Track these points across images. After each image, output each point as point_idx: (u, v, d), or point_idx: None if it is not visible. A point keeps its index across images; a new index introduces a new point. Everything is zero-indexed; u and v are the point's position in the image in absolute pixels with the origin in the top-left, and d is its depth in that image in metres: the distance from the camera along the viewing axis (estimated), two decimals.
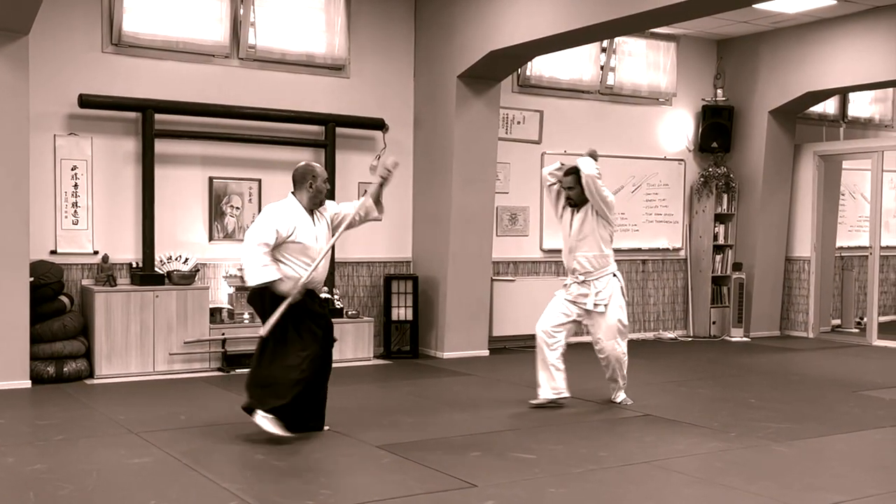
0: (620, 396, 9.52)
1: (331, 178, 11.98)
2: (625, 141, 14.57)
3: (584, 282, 9.25)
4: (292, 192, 7.93)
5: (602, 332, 9.27)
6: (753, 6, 11.82)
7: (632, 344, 13.97)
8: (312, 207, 7.90)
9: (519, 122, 13.53)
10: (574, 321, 9.35)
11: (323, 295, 8.70)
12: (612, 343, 9.28)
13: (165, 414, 8.74)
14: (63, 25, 10.91)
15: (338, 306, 11.86)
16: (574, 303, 9.29)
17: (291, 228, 7.70)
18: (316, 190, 7.88)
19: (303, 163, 8.13)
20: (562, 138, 13.90)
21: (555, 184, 9.42)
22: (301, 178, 7.90)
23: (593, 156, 9.14)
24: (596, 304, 9.21)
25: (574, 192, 9.25)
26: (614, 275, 9.33)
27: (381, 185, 8.19)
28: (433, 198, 12.63)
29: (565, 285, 9.41)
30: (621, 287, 9.37)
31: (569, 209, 9.38)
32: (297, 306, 7.63)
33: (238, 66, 11.83)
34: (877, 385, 10.78)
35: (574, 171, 9.24)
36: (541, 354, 9.26)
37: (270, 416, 7.58)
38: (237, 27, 11.74)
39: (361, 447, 7.54)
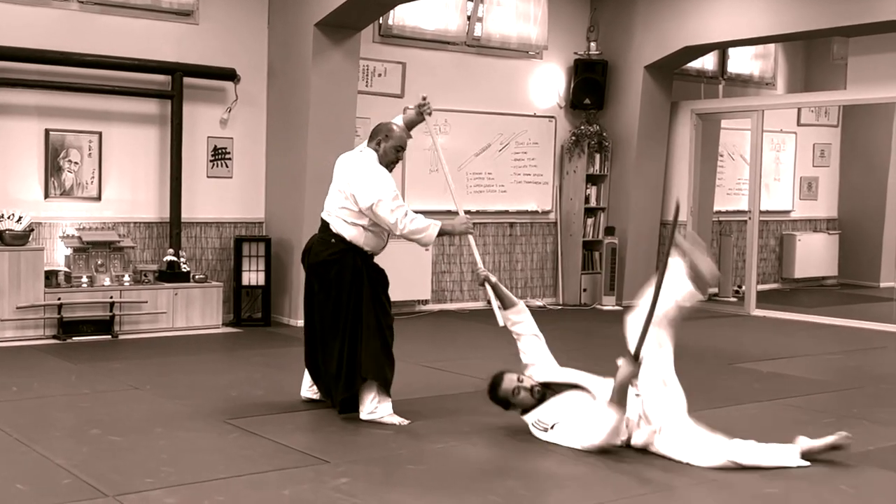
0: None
1: (177, 132, 11.94)
2: (492, 96, 14.66)
3: None
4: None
5: None
6: None
7: None
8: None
9: (380, 75, 13.54)
10: None
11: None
12: None
13: None
14: None
15: (184, 270, 11.81)
16: None
17: None
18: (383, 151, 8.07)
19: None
20: (425, 92, 13.72)
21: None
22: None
23: None
24: None
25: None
26: None
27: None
28: (288, 154, 12.60)
29: None
30: None
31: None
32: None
33: (77, 9, 11.65)
34: (754, 357, 11.05)
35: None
36: None
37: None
38: None
39: (207, 421, 7.56)
